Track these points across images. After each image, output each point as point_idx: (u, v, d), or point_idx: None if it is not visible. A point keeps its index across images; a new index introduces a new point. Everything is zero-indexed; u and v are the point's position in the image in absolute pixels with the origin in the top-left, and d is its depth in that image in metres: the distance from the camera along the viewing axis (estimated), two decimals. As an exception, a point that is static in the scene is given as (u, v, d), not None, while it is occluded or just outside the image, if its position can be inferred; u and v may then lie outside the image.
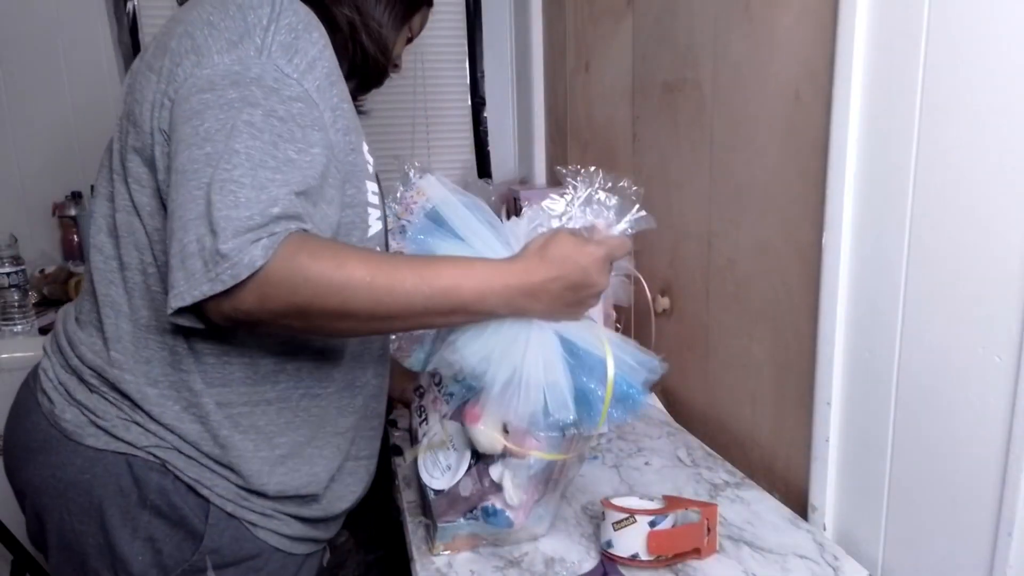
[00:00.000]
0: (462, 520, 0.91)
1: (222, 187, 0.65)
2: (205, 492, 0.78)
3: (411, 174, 1.73)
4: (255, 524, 0.81)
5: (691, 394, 1.37)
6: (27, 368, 0.90)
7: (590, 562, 0.92)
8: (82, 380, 0.80)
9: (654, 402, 1.45)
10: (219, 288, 0.63)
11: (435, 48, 2.25)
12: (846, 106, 0.88)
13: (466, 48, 2.28)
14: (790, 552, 0.93)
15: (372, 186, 0.86)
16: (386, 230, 0.94)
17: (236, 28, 0.72)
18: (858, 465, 0.95)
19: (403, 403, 1.26)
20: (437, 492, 0.91)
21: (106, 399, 0.79)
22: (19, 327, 1.70)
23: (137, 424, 0.78)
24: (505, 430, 0.84)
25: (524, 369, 0.77)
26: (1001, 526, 0.74)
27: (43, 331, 1.73)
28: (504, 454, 0.87)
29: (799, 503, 1.05)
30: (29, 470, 0.82)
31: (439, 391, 1.01)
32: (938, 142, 0.78)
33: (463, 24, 2.26)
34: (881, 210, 0.87)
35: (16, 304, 1.69)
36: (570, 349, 0.81)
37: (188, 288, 0.64)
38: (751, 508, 1.04)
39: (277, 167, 0.67)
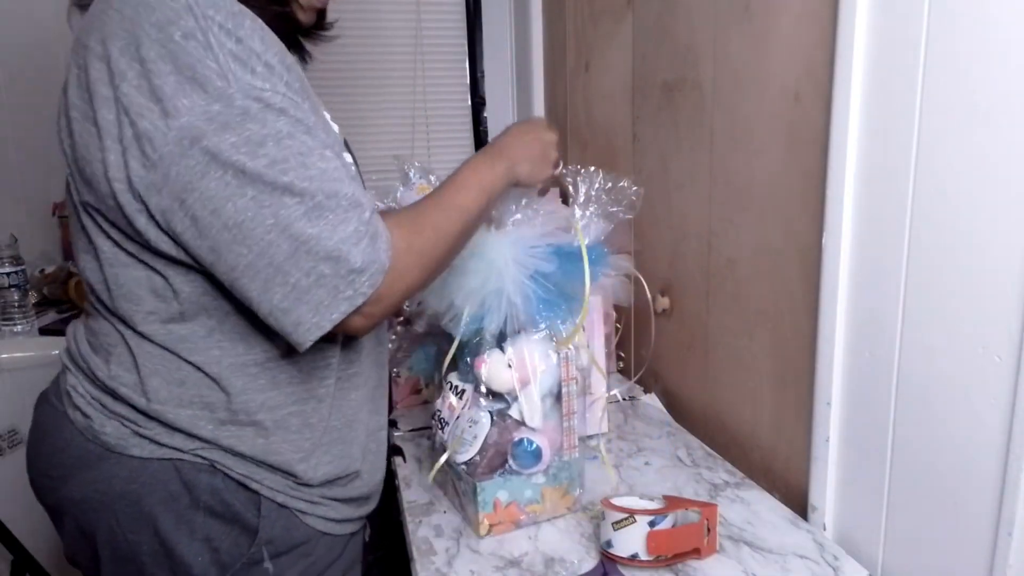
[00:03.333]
0: (498, 478, 0.98)
1: (310, 215, 0.66)
2: (255, 486, 0.79)
3: (411, 174, 1.72)
4: (304, 512, 0.82)
5: (691, 394, 1.37)
6: (27, 368, 0.88)
7: (590, 562, 0.92)
8: (118, 397, 0.78)
9: (653, 402, 1.45)
10: (359, 301, 0.68)
11: (435, 48, 2.25)
12: (846, 106, 0.88)
13: (466, 48, 2.28)
14: (790, 552, 0.93)
15: (347, 156, 0.81)
16: None
17: (177, 57, 0.64)
18: (858, 465, 0.95)
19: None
20: (470, 463, 1.00)
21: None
22: (19, 327, 1.69)
23: (180, 431, 0.78)
24: (508, 365, 0.99)
25: (506, 287, 0.97)
26: (1001, 526, 0.74)
27: (43, 331, 1.73)
28: (515, 396, 0.99)
29: (799, 503, 1.05)
30: (68, 488, 0.80)
31: (451, 391, 1.06)
32: (938, 142, 0.78)
33: (463, 24, 2.26)
34: (881, 210, 0.87)
35: (16, 304, 1.69)
36: (552, 253, 1.00)
37: (321, 318, 0.68)
38: (751, 508, 1.04)
39: (318, 176, 0.68)
